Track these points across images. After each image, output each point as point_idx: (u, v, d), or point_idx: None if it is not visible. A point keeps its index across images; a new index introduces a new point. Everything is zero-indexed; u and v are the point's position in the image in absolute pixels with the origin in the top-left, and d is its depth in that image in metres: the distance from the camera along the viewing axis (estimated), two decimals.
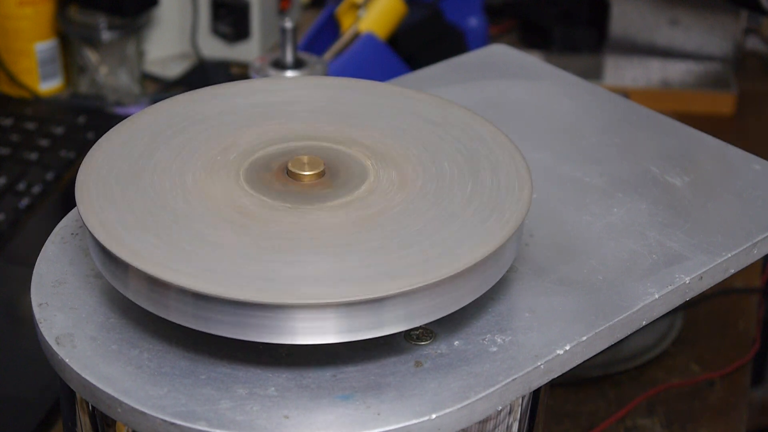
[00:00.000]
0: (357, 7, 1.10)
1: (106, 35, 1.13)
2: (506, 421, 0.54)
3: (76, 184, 0.53)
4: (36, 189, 0.99)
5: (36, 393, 0.76)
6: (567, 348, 0.51)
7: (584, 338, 0.52)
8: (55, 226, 0.58)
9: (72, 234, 0.57)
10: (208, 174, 0.54)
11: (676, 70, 1.23)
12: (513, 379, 0.49)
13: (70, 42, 1.16)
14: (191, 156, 0.55)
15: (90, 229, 0.50)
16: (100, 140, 0.56)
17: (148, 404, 0.47)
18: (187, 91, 0.61)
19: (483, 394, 0.48)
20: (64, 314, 0.52)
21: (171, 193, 0.53)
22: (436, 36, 1.13)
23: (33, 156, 1.04)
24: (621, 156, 0.67)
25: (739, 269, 0.59)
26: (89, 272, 0.54)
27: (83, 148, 1.05)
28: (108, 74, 1.16)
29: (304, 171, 0.54)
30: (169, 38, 1.24)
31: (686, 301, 0.57)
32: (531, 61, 0.79)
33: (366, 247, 0.49)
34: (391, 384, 0.49)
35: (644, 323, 0.55)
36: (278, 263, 0.48)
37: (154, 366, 0.49)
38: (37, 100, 1.15)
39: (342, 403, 0.48)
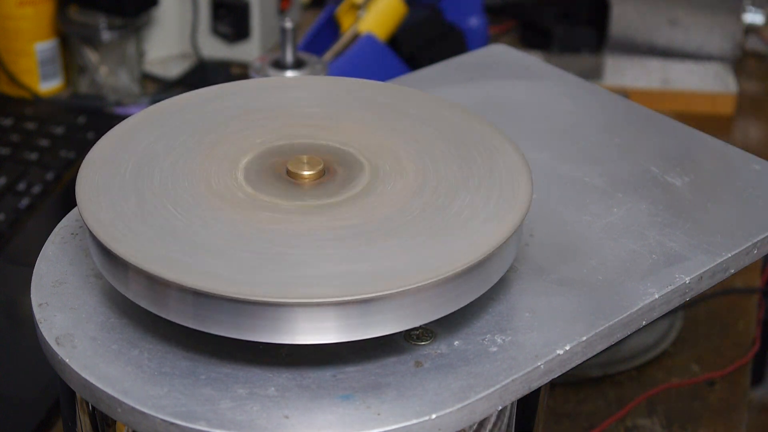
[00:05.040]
0: (357, 7, 1.10)
1: (106, 35, 1.13)
2: (506, 421, 0.54)
3: (76, 184, 0.53)
4: (36, 189, 0.99)
5: (36, 393, 0.76)
6: (567, 348, 0.51)
7: (584, 338, 0.52)
8: (55, 226, 0.58)
9: (72, 234, 0.57)
10: (207, 174, 0.54)
11: (676, 70, 1.23)
12: (513, 379, 0.49)
13: (70, 42, 1.16)
14: (190, 156, 0.55)
15: (90, 229, 0.50)
16: (100, 140, 0.56)
17: (148, 404, 0.47)
18: (187, 91, 0.61)
19: (483, 394, 0.48)
20: (64, 314, 0.52)
21: (170, 192, 0.53)
22: (436, 36, 1.13)
23: (33, 156, 1.04)
24: (621, 156, 0.67)
25: (739, 269, 0.59)
26: (89, 272, 0.54)
27: (83, 148, 1.05)
28: (108, 74, 1.16)
29: (304, 170, 0.54)
30: (169, 38, 1.23)
31: (686, 301, 0.57)
32: (531, 61, 0.79)
33: (365, 247, 0.49)
34: (391, 384, 0.49)
35: (644, 323, 0.55)
36: (278, 262, 0.48)
37: (154, 366, 0.49)
38: (37, 100, 1.15)
39: (342, 403, 0.48)
